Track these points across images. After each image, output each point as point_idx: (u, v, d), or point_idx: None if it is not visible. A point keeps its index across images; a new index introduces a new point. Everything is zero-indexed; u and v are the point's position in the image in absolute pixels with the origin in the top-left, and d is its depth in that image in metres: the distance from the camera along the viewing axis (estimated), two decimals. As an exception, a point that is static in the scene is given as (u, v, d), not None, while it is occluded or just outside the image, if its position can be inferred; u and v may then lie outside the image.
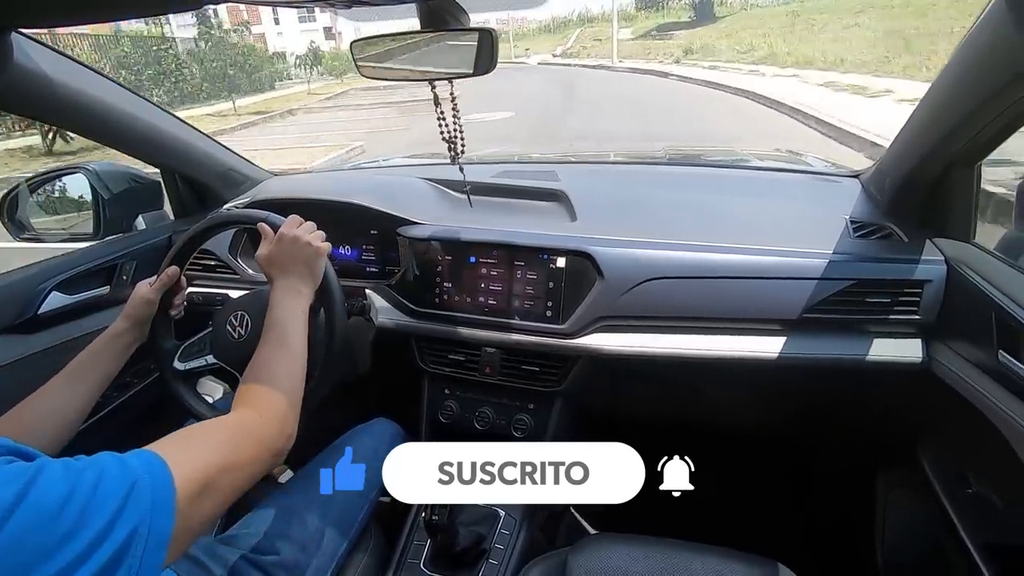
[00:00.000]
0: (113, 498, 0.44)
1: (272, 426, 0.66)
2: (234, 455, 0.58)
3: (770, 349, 1.01)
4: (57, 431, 0.80)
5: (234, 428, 0.63)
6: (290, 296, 0.85)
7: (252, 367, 0.75)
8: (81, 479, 0.44)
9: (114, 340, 0.90)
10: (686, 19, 31.07)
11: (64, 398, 0.82)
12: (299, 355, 0.79)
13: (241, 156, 1.49)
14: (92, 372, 0.86)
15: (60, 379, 0.84)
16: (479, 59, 0.83)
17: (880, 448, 1.24)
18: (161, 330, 0.99)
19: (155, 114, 1.20)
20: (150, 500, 0.46)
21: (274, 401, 0.69)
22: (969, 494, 0.89)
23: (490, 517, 1.16)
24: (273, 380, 0.72)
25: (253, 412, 0.67)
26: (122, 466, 0.47)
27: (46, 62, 0.93)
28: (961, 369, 0.87)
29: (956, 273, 0.92)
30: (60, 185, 1.27)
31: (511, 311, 1.11)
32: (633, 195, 1.26)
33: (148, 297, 0.94)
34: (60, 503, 0.42)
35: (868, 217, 1.07)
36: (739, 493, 1.49)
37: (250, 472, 0.61)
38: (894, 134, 1.00)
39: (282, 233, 0.89)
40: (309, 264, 0.89)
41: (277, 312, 0.82)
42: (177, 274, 0.97)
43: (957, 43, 0.76)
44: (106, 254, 1.23)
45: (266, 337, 0.79)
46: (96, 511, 0.43)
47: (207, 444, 0.58)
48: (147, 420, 1.25)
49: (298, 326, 0.82)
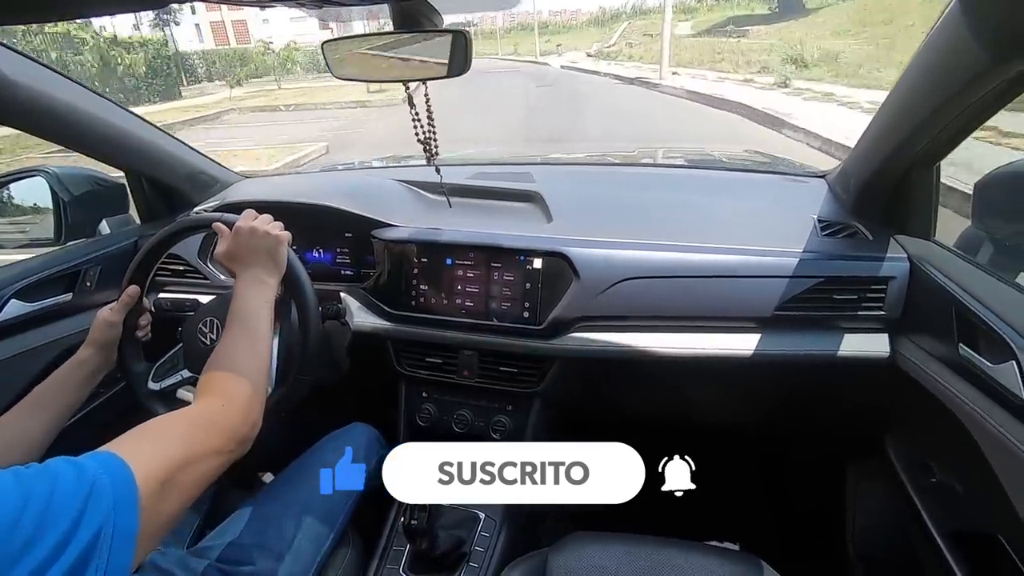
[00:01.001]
0: (72, 502, 0.43)
1: (236, 413, 0.65)
2: (197, 446, 0.57)
3: (744, 346, 1.03)
4: (19, 458, 0.76)
5: (196, 418, 0.62)
6: (253, 285, 0.83)
7: (215, 355, 0.73)
8: (34, 486, 0.43)
9: (78, 368, 0.88)
10: (764, 10, 24.01)
11: (26, 427, 0.80)
12: (263, 341, 0.78)
13: (209, 158, 1.46)
14: (55, 401, 0.84)
15: (22, 408, 0.81)
16: (453, 60, 0.82)
17: (850, 441, 1.27)
18: (130, 353, 0.97)
19: (119, 115, 1.17)
20: (111, 499, 0.45)
21: (237, 388, 0.68)
22: (933, 483, 0.92)
23: (470, 520, 1.15)
24: (236, 366, 0.70)
25: (214, 400, 0.65)
26: (78, 469, 0.46)
27: (7, 64, 0.90)
28: (924, 362, 0.90)
29: (918, 270, 0.95)
30: (18, 188, 1.22)
31: (488, 313, 1.11)
32: (608, 196, 1.27)
33: (111, 320, 0.91)
34: (15, 513, 0.41)
35: (835, 216, 1.10)
36: (715, 488, 1.52)
37: (214, 463, 0.59)
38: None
39: (238, 227, 0.87)
40: (271, 253, 0.87)
41: (239, 301, 0.81)
42: (138, 293, 0.95)
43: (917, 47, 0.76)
44: (68, 260, 1.18)
45: (230, 326, 0.78)
46: (56, 516, 0.42)
47: (167, 437, 0.56)
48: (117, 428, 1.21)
49: (262, 313, 0.81)
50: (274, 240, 0.88)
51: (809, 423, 1.32)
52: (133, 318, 0.96)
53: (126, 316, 0.94)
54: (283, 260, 0.90)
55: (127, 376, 0.98)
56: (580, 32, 40.89)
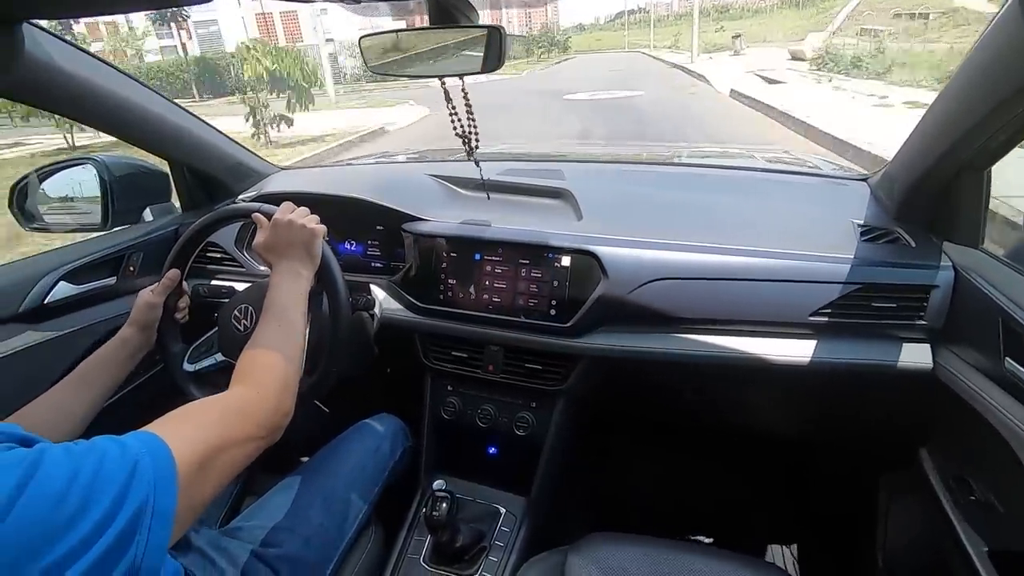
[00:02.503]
0: (117, 478, 0.45)
1: (268, 402, 0.66)
2: (231, 432, 0.59)
3: (775, 352, 1.00)
4: (63, 434, 0.80)
5: (231, 405, 0.63)
6: (289, 277, 0.85)
7: (250, 345, 0.75)
8: (83, 462, 0.45)
9: (121, 346, 0.92)
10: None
11: (71, 402, 0.84)
12: (298, 332, 0.80)
13: (248, 150, 1.50)
14: (99, 378, 0.88)
15: (68, 383, 0.85)
16: (487, 56, 0.82)
17: (883, 452, 1.23)
18: (168, 334, 1.01)
19: (164, 106, 1.21)
20: (153, 478, 0.47)
21: (271, 377, 0.69)
22: (972, 500, 0.89)
23: (491, 514, 1.16)
24: (270, 356, 0.72)
25: (249, 389, 0.67)
26: (122, 447, 0.48)
27: (57, 53, 0.94)
28: (966, 375, 0.87)
29: (964, 279, 0.91)
30: (69, 176, 1.27)
31: (515, 309, 1.11)
32: (639, 195, 1.26)
33: (152, 302, 0.95)
34: (64, 487, 0.42)
35: (876, 221, 1.06)
36: (740, 494, 1.49)
37: (247, 449, 0.61)
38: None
39: (276, 219, 0.90)
40: (306, 246, 0.90)
41: (275, 293, 0.83)
42: (178, 277, 0.98)
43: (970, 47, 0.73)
44: (113, 245, 1.23)
45: (265, 316, 0.79)
46: (101, 492, 0.44)
47: (204, 422, 0.58)
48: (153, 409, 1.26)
49: (298, 305, 0.83)
50: (310, 233, 0.90)
51: (841, 432, 1.29)
52: (173, 301, 0.99)
53: (166, 298, 0.97)
54: (318, 253, 0.92)
55: (164, 355, 1.01)
56: (769, 16, 26.77)
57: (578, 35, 70.51)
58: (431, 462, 1.27)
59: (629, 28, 47.04)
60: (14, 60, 0.86)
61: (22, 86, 0.93)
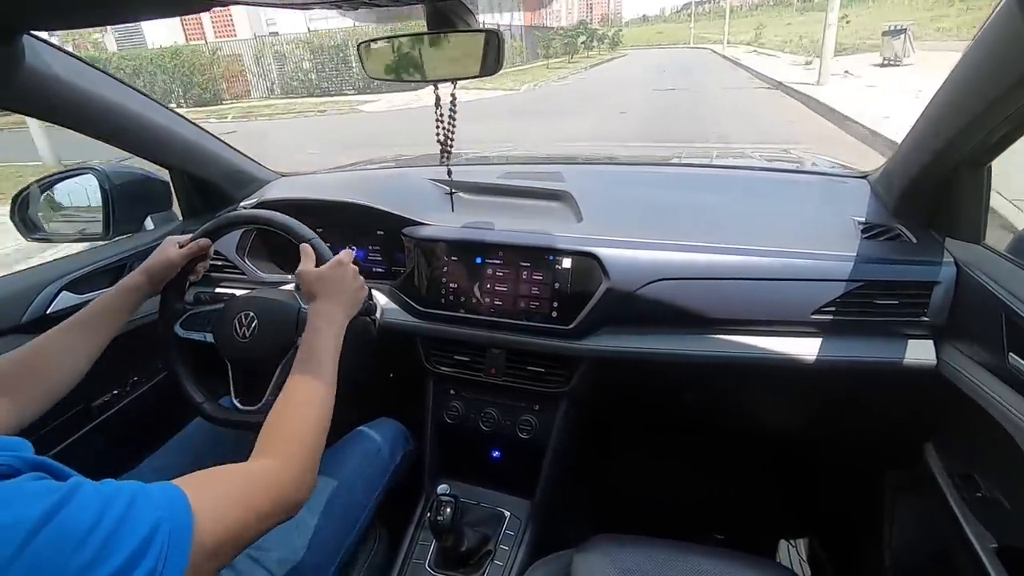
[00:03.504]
0: (138, 531, 0.43)
1: (292, 478, 0.63)
2: (251, 509, 0.56)
3: (777, 350, 1.00)
4: (63, 376, 0.81)
5: (257, 481, 0.60)
6: (328, 322, 0.84)
7: (283, 406, 0.72)
8: (110, 506, 0.43)
9: (130, 293, 0.92)
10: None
11: (74, 344, 0.84)
12: (330, 389, 0.78)
13: (248, 157, 1.50)
14: (103, 322, 0.88)
15: (71, 325, 0.85)
16: (485, 60, 0.83)
17: (887, 449, 1.23)
18: (174, 290, 1.02)
19: (165, 115, 1.21)
20: (167, 543, 0.45)
21: (298, 448, 0.67)
22: (978, 497, 0.89)
23: (496, 517, 1.16)
24: (301, 426, 0.69)
25: (276, 462, 0.64)
26: (148, 498, 0.46)
27: (57, 63, 0.94)
28: (970, 371, 0.87)
29: (966, 275, 0.91)
30: (70, 185, 1.28)
31: (516, 312, 1.11)
32: (639, 196, 1.26)
33: (173, 261, 0.96)
34: (87, 529, 0.41)
35: (876, 218, 1.06)
36: (745, 494, 1.49)
37: (261, 527, 0.58)
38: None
39: (340, 259, 0.91)
40: (354, 297, 0.91)
41: (315, 338, 0.81)
42: (208, 246, 1.00)
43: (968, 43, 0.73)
44: (115, 254, 1.24)
45: (301, 367, 0.77)
46: (121, 543, 0.42)
47: (231, 493, 0.55)
48: (152, 419, 1.26)
49: (333, 357, 0.81)
50: (359, 287, 0.92)
51: (845, 430, 1.29)
52: (192, 265, 1.01)
53: (186, 263, 0.99)
54: (358, 307, 0.93)
55: (163, 310, 1.02)
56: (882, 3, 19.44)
57: (638, 27, 65.00)
58: (434, 466, 1.26)
59: (697, 19, 40.97)
60: (15, 71, 0.86)
61: (23, 97, 0.93)
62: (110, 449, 1.19)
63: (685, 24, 40.87)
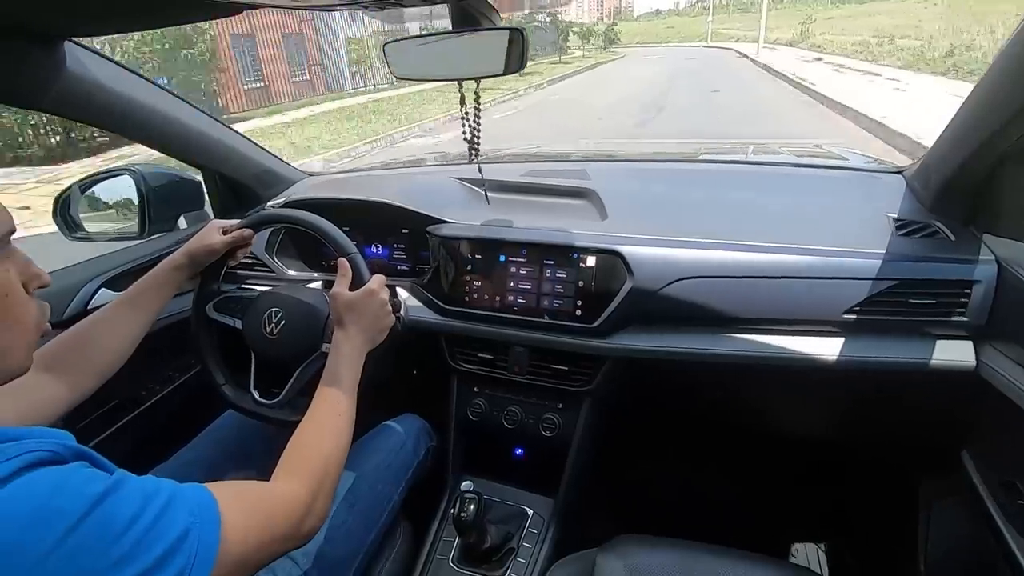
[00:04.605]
0: (171, 533, 0.45)
1: (314, 507, 0.65)
2: (271, 529, 0.58)
3: (806, 351, 0.98)
4: (113, 353, 0.85)
5: (279, 504, 0.61)
6: (353, 348, 0.86)
7: (306, 427, 0.74)
8: (150, 503, 0.45)
9: (174, 273, 0.96)
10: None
11: (122, 322, 0.88)
12: (349, 416, 0.80)
13: (277, 157, 1.53)
14: (148, 301, 0.92)
15: (123, 304, 0.90)
16: (509, 58, 0.83)
17: (922, 454, 1.19)
18: (211, 272, 1.05)
19: (197, 117, 1.24)
20: (197, 546, 0.46)
21: (320, 473, 0.68)
22: (1020, 504, 0.85)
23: (518, 515, 1.16)
24: (326, 459, 0.71)
25: (301, 488, 0.65)
26: (183, 502, 0.48)
27: (96, 68, 0.98)
28: (1012, 373, 0.83)
29: (1008, 273, 0.87)
30: (109, 186, 1.32)
31: (540, 310, 1.11)
32: (665, 193, 1.24)
33: (215, 247, 0.99)
34: (128, 522, 0.42)
35: (912, 215, 1.03)
36: (773, 498, 1.46)
37: (277, 549, 0.59)
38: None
39: (373, 288, 0.91)
40: (380, 325, 0.92)
41: (338, 364, 0.83)
42: (251, 236, 1.03)
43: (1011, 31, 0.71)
44: (151, 252, 1.28)
45: (324, 394, 0.79)
46: (155, 540, 0.43)
47: (257, 509, 0.57)
48: (184, 412, 1.30)
49: (354, 386, 0.83)
50: (387, 315, 0.93)
51: (876, 433, 1.25)
52: (232, 251, 1.04)
53: (227, 251, 1.02)
54: (383, 336, 0.93)
55: (199, 289, 1.06)
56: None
57: (648, 21, 60.80)
58: (458, 463, 1.27)
59: (716, 13, 34.13)
60: (58, 76, 0.90)
61: (65, 101, 0.97)
62: (144, 441, 1.23)
63: (701, 18, 37.29)
